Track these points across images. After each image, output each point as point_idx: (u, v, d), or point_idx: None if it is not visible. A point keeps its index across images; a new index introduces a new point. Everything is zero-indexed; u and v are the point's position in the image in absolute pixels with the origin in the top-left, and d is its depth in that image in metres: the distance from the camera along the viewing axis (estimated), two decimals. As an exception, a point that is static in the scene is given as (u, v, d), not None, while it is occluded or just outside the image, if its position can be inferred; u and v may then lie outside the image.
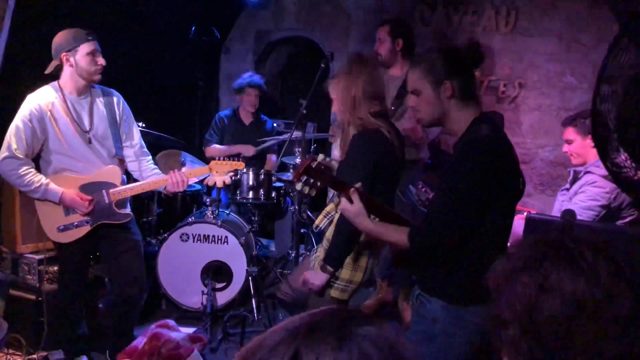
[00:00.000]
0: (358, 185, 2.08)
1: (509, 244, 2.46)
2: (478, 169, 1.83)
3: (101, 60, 2.88)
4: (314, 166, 2.05)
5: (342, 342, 0.69)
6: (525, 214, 3.42)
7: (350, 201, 2.04)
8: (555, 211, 3.12)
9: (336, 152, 5.26)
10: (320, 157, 2.10)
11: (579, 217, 2.76)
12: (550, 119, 4.50)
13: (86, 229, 2.95)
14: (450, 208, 1.87)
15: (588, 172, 2.92)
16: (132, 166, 3.14)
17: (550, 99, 4.50)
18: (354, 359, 0.68)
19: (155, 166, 3.19)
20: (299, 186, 2.11)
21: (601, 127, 1.74)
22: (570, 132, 3.01)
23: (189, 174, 3.08)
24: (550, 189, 4.56)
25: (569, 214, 2.16)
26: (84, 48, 2.82)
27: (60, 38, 2.85)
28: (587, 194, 2.87)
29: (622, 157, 1.72)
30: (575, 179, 3.06)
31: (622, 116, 1.64)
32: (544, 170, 4.58)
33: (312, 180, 2.09)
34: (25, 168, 2.84)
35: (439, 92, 1.95)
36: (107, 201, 2.96)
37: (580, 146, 2.97)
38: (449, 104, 1.96)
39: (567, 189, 3.12)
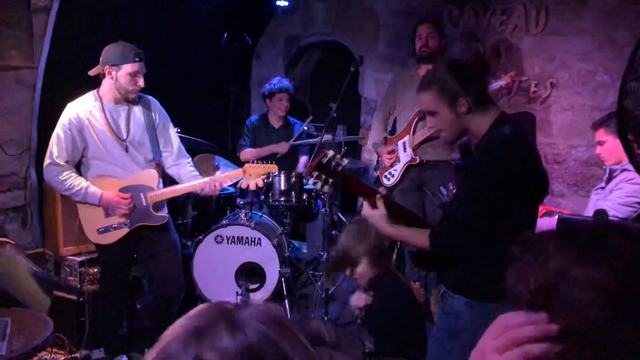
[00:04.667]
0: (382, 190, 2.13)
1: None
2: (497, 170, 1.86)
3: (141, 82, 2.95)
4: (324, 162, 2.10)
5: (235, 329, 0.73)
6: (557, 214, 3.40)
7: (374, 206, 2.08)
8: (590, 210, 3.09)
9: (366, 155, 5.30)
10: (331, 152, 2.13)
11: (615, 214, 2.73)
12: (583, 119, 4.44)
13: (124, 231, 3.05)
14: (470, 211, 1.90)
15: (625, 169, 2.89)
16: (172, 171, 3.23)
17: (582, 99, 4.43)
18: (251, 339, 0.72)
19: (194, 168, 3.26)
20: (311, 182, 2.16)
21: (627, 123, 1.74)
22: (602, 133, 2.99)
23: (224, 177, 3.17)
24: (583, 189, 4.50)
25: (601, 213, 2.15)
26: (128, 67, 2.90)
27: (110, 50, 2.95)
28: (624, 191, 2.84)
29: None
30: (610, 177, 3.02)
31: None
32: (577, 171, 4.52)
33: (323, 177, 2.13)
34: (66, 173, 2.96)
35: (455, 110, 1.98)
36: (144, 204, 3.06)
37: (613, 146, 2.94)
38: (467, 118, 1.99)
39: (602, 188, 3.08)
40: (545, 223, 3.17)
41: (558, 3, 4.40)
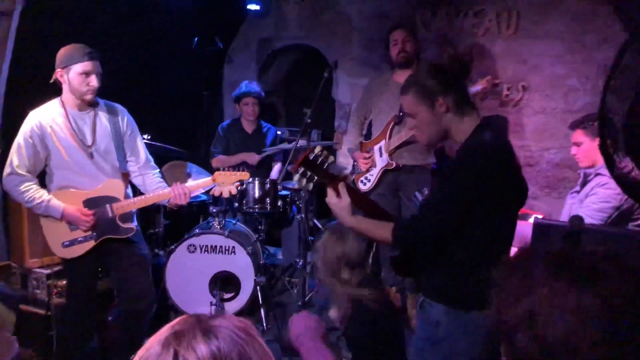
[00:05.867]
0: (347, 178, 2.10)
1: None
2: (473, 174, 1.85)
3: (93, 82, 2.83)
4: (311, 158, 2.05)
5: (209, 334, 0.86)
6: (532, 217, 3.41)
7: (338, 194, 2.05)
8: (565, 214, 3.10)
9: (342, 159, 5.27)
10: (318, 148, 2.09)
11: (590, 220, 2.74)
12: (554, 122, 4.49)
13: (91, 244, 2.95)
14: (438, 209, 1.89)
15: (599, 173, 2.90)
16: (137, 180, 3.14)
17: (554, 102, 4.48)
18: (222, 343, 0.86)
19: (161, 179, 3.18)
20: (296, 178, 2.11)
21: (609, 137, 1.74)
22: (579, 135, 3.00)
23: (193, 186, 3.09)
24: (556, 191, 4.54)
25: (577, 219, 2.15)
26: (78, 67, 2.79)
27: (60, 53, 2.85)
28: (598, 196, 2.85)
29: (629, 164, 1.72)
30: (585, 181, 3.03)
31: (630, 125, 1.63)
32: (550, 173, 4.56)
33: (309, 173, 2.09)
34: (27, 184, 2.85)
35: (434, 110, 1.97)
36: (110, 215, 2.96)
37: (589, 148, 2.96)
38: (446, 118, 1.97)
39: (577, 192, 3.09)
40: (520, 227, 3.17)
41: (528, 6, 4.44)
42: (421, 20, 4.82)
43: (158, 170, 3.22)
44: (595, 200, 2.84)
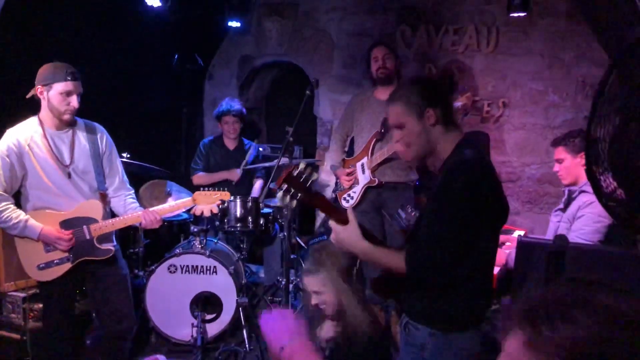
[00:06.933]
0: (349, 207, 2.06)
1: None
2: (466, 192, 1.82)
3: (74, 102, 2.80)
4: (295, 174, 2.01)
5: None
6: (516, 233, 3.41)
7: (342, 223, 1.99)
8: (550, 232, 3.07)
9: (324, 176, 5.25)
10: (302, 165, 2.05)
11: (588, 242, 2.71)
12: (535, 137, 4.53)
13: (67, 266, 2.88)
14: (446, 232, 1.84)
15: (583, 191, 2.88)
16: (112, 201, 3.09)
17: (534, 118, 4.53)
18: None
19: (135, 201, 3.13)
20: (279, 195, 2.07)
21: (595, 163, 1.73)
22: (561, 152, 3.00)
23: (173, 207, 3.04)
24: (537, 206, 4.57)
25: (561, 239, 2.14)
26: (59, 86, 2.76)
27: (42, 69, 2.81)
28: (589, 217, 2.80)
29: (613, 184, 1.72)
30: (569, 199, 3.01)
31: (615, 150, 1.63)
32: (531, 188, 4.59)
33: (292, 190, 2.05)
34: (3, 204, 2.78)
35: (423, 122, 1.94)
36: (88, 237, 2.89)
37: (571, 165, 2.96)
38: (434, 131, 1.95)
39: (562, 209, 3.07)
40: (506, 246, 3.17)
41: (508, 23, 4.50)
42: (401, 38, 4.85)
43: (132, 191, 3.17)
44: (586, 222, 2.78)
